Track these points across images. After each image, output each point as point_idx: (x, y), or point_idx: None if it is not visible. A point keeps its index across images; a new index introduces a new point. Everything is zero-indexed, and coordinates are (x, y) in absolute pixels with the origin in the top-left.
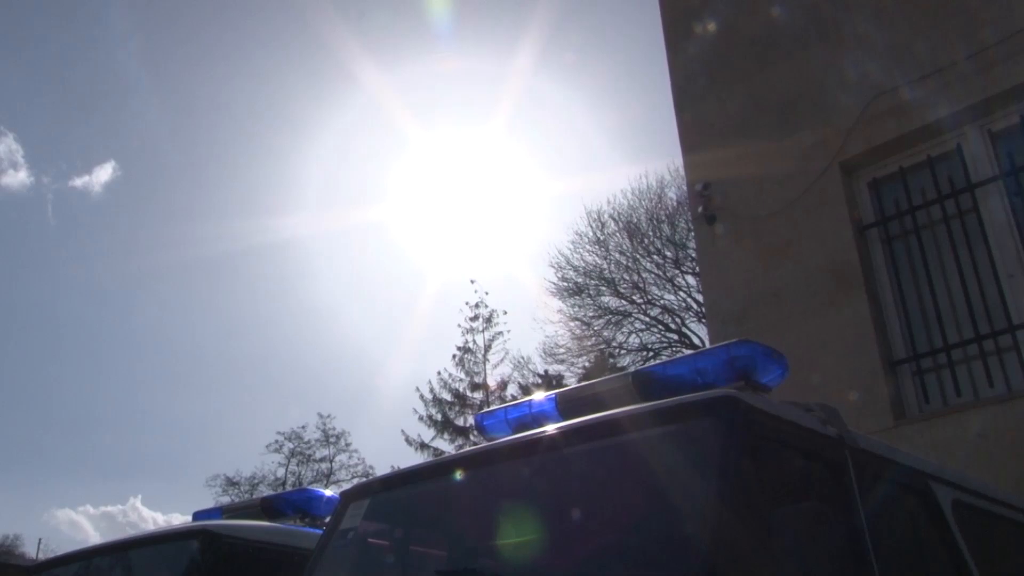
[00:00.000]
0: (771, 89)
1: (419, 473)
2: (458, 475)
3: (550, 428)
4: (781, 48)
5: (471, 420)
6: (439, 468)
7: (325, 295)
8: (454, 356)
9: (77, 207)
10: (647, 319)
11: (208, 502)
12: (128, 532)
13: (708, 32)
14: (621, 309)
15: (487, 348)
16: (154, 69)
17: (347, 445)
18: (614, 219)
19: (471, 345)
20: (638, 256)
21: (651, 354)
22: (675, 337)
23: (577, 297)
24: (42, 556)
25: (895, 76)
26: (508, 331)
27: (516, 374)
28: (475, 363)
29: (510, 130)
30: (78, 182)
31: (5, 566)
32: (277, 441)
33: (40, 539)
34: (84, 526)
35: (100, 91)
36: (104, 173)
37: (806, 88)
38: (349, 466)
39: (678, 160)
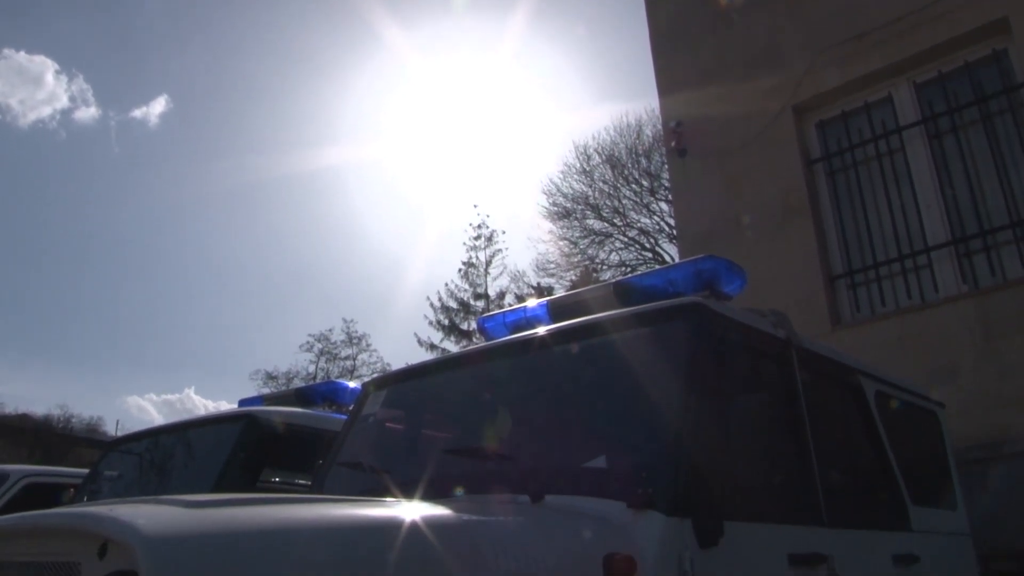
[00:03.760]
0: (736, 41)
1: (429, 367)
2: (463, 369)
3: (542, 329)
4: (745, 5)
5: (474, 325)
6: (447, 363)
7: (351, 216)
8: (459, 270)
9: (137, 135)
10: (626, 239)
11: (251, 392)
12: (185, 416)
13: None
14: (603, 231)
15: (488, 263)
16: (196, 14)
17: (368, 346)
18: (598, 153)
19: (474, 260)
20: (619, 185)
21: (629, 270)
22: (650, 255)
23: (566, 220)
24: (119, 434)
25: (840, 33)
26: (506, 249)
27: (513, 286)
28: (477, 276)
29: (509, 76)
30: (137, 113)
31: (92, 440)
32: (308, 342)
33: (118, 420)
34: (150, 410)
35: (153, 32)
36: (159, 105)
37: (765, 41)
38: (369, 363)
39: (655, 102)
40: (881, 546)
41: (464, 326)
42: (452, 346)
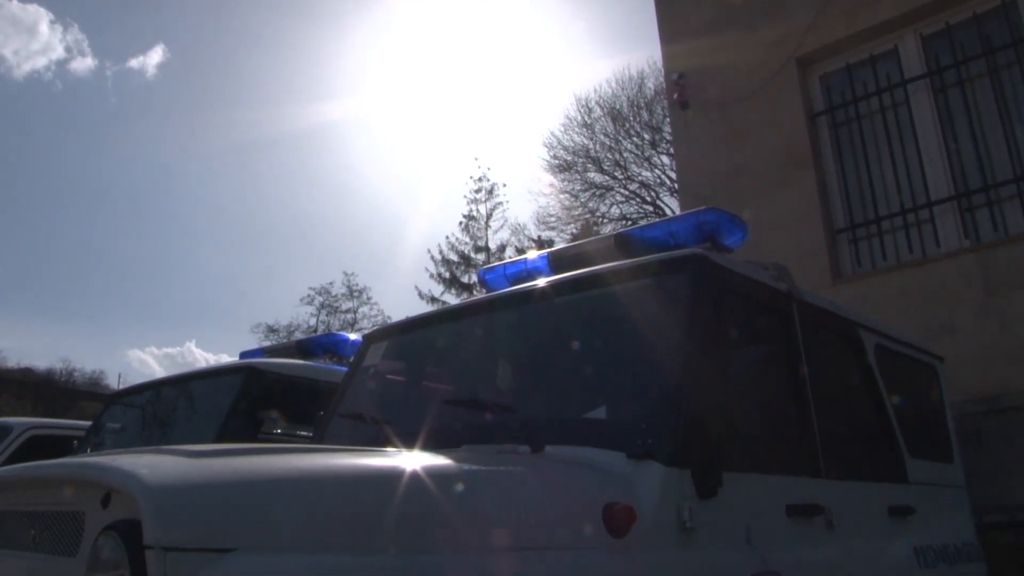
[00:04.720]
0: None
1: (430, 319)
2: (463, 320)
3: (543, 281)
4: None
5: (475, 277)
6: (447, 314)
7: (351, 169)
8: (460, 223)
9: (134, 85)
10: (627, 193)
11: (252, 345)
12: (186, 369)
13: None
14: (604, 184)
15: (489, 216)
16: None
17: (368, 299)
18: (600, 105)
19: (475, 213)
20: (620, 138)
21: (630, 223)
22: (651, 209)
23: (567, 173)
24: (121, 386)
25: None
26: (507, 202)
27: (513, 239)
28: (478, 229)
29: (510, 28)
30: (134, 63)
31: (94, 393)
32: (309, 295)
33: (119, 373)
34: (151, 364)
35: None
36: (155, 55)
37: None
38: (370, 316)
39: (657, 53)
40: (877, 497)
41: (465, 279)
42: (453, 299)
